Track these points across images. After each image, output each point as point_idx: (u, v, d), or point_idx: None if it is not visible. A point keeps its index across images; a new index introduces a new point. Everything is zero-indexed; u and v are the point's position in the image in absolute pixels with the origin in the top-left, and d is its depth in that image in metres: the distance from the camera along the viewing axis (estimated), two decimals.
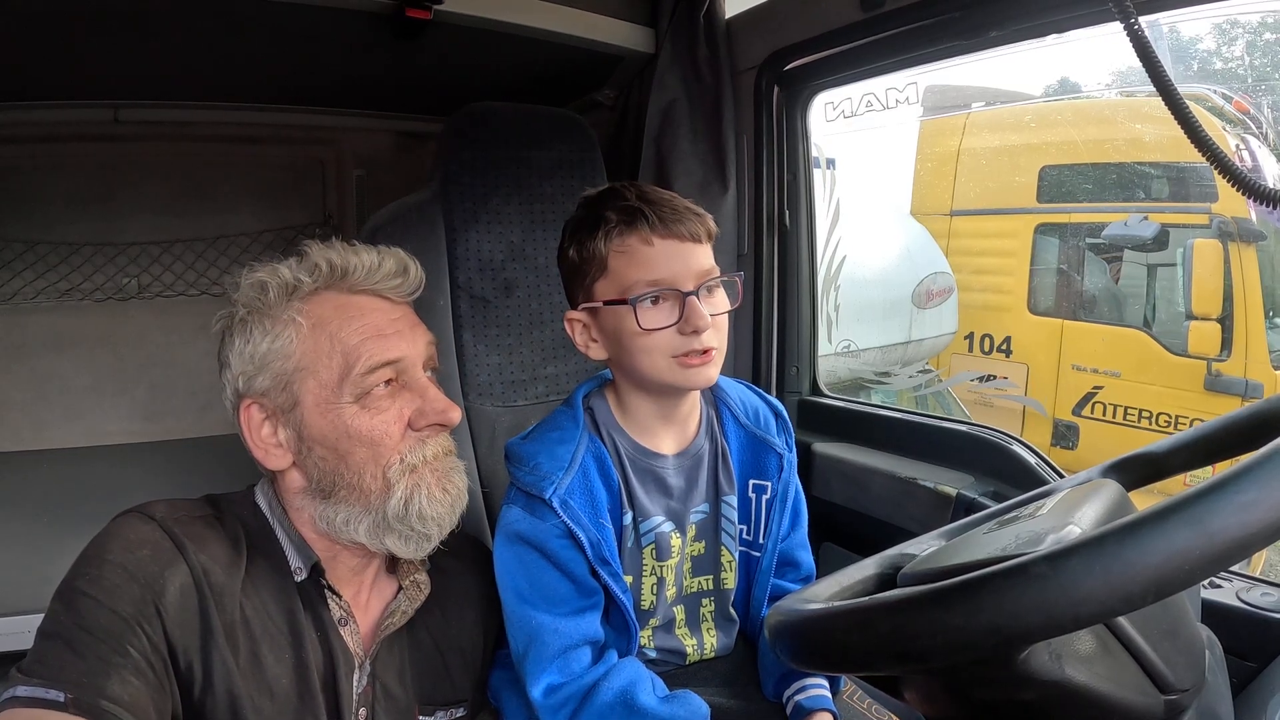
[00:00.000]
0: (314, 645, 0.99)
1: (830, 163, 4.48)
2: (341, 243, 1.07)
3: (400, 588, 1.10)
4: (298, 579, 1.00)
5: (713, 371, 1.12)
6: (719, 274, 1.13)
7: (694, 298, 1.08)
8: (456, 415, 1.05)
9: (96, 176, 2.65)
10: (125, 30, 1.79)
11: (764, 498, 1.25)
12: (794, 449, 1.28)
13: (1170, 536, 0.50)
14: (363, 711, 1.03)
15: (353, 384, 0.98)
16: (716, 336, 1.11)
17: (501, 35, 1.87)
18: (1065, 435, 5.04)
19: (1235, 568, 1.36)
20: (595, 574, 1.12)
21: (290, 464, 1.02)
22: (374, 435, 0.99)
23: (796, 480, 1.29)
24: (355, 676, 1.02)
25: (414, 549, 1.02)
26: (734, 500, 1.25)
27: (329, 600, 1.03)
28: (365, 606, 1.07)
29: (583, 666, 1.12)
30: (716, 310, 1.11)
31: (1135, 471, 0.91)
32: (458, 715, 1.14)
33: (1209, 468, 0.88)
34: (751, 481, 1.26)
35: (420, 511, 1.00)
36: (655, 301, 1.09)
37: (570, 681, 1.10)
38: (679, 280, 1.09)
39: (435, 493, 1.02)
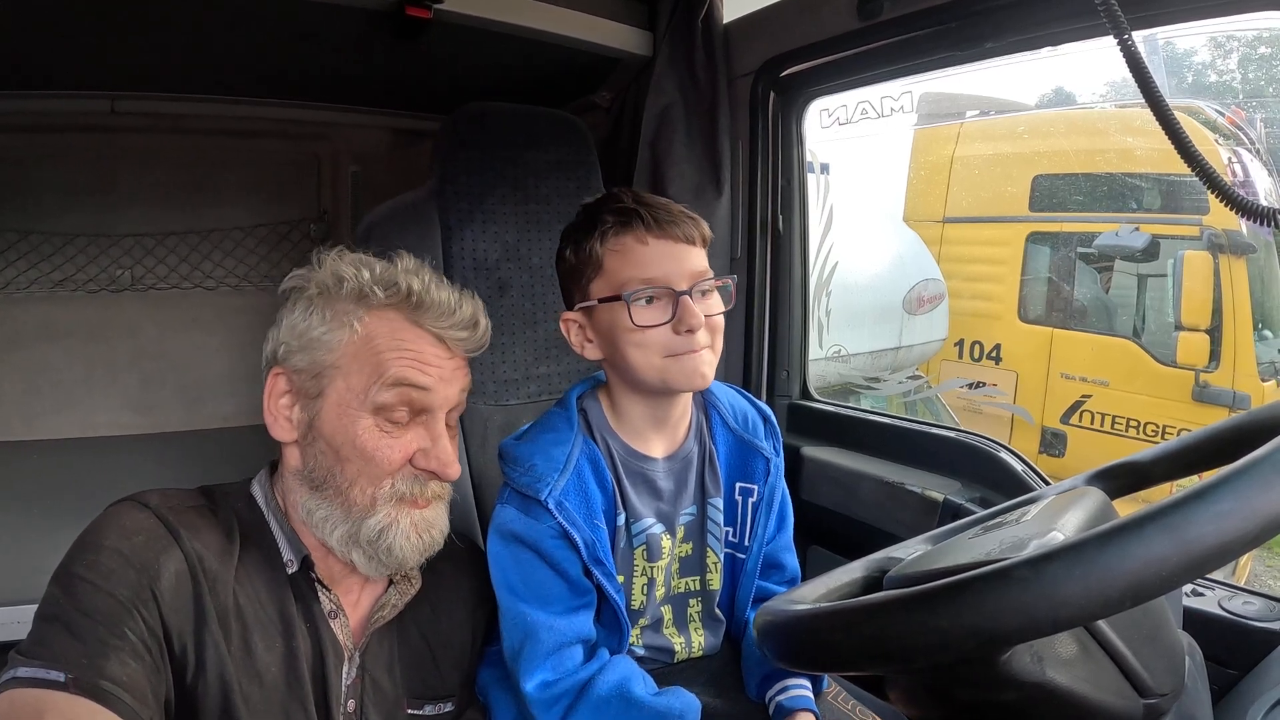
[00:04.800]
0: (304, 636, 1.00)
1: (824, 168, 4.50)
2: (432, 271, 1.09)
3: (391, 582, 1.11)
4: (289, 571, 1.01)
5: (707, 372, 1.13)
6: (712, 277, 1.14)
7: (687, 297, 1.10)
8: (454, 474, 1.05)
9: (92, 167, 2.63)
10: (124, 22, 1.79)
11: (750, 501, 1.27)
12: (782, 454, 1.30)
13: (1148, 544, 0.51)
14: (351, 703, 1.03)
15: (374, 395, 0.99)
16: (710, 338, 1.12)
17: (500, 35, 1.87)
18: (1053, 443, 5.06)
19: (1218, 576, 1.38)
20: (589, 574, 1.13)
21: (293, 441, 1.04)
22: (376, 455, 1.00)
23: (783, 484, 1.30)
24: (344, 668, 1.03)
25: (374, 570, 1.04)
26: (720, 503, 1.26)
27: (319, 593, 1.03)
28: (356, 600, 1.08)
29: (575, 664, 1.13)
30: (710, 312, 1.13)
31: (1120, 480, 0.92)
32: (445, 710, 1.14)
33: (1195, 477, 0.89)
34: (738, 485, 1.27)
35: (389, 546, 1.01)
36: (650, 301, 1.11)
37: (564, 678, 1.12)
38: (672, 280, 1.10)
39: (411, 536, 1.02)
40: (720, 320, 1.16)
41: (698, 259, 1.14)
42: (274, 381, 1.04)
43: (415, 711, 1.11)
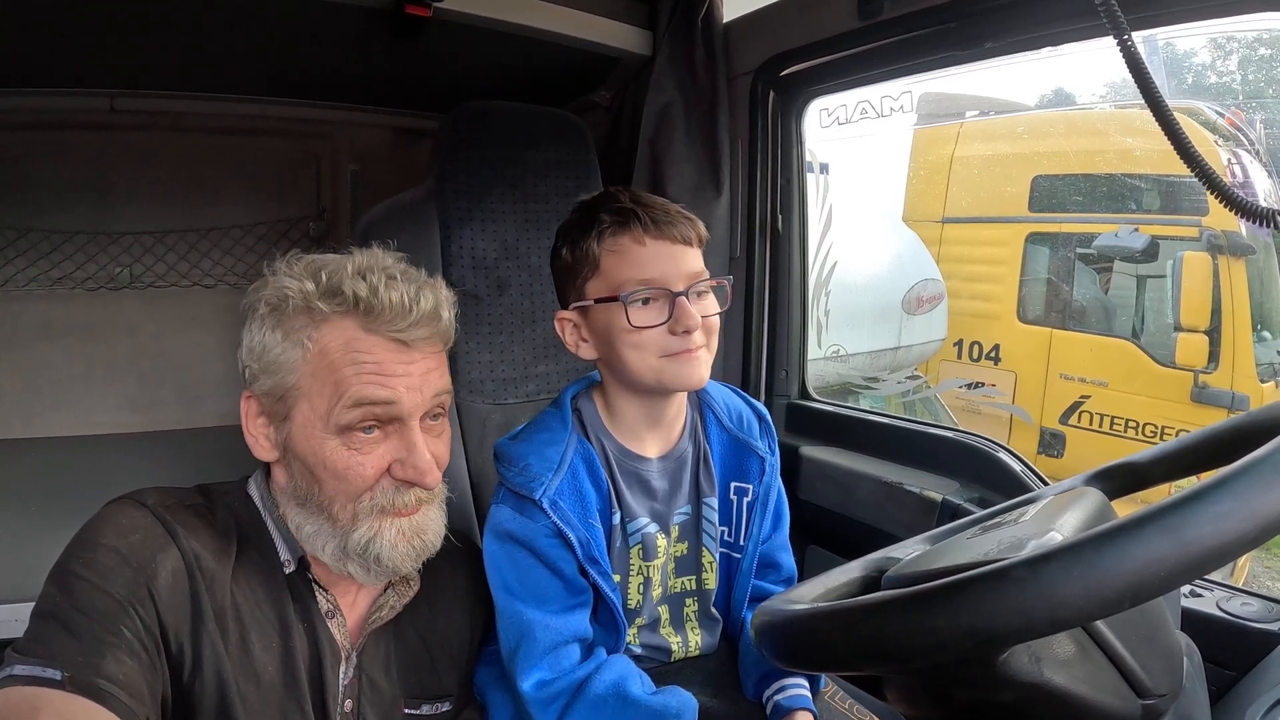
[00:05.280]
0: (301, 636, 1.00)
1: (824, 168, 4.50)
2: (388, 263, 1.03)
3: (390, 583, 1.10)
4: (287, 571, 1.01)
5: (704, 372, 1.13)
6: (708, 277, 1.14)
7: (683, 298, 1.10)
8: (433, 481, 1.02)
9: (91, 165, 2.63)
10: (124, 20, 1.79)
11: (745, 500, 1.27)
12: (777, 453, 1.30)
13: (1147, 544, 0.51)
14: (348, 703, 1.03)
15: (336, 417, 0.96)
16: (706, 338, 1.12)
17: (500, 34, 1.87)
18: (1052, 443, 5.06)
19: (1216, 577, 1.38)
20: (584, 573, 1.13)
21: (276, 460, 1.03)
22: (348, 473, 0.97)
23: (779, 483, 1.30)
24: (342, 669, 1.03)
25: (373, 579, 1.03)
26: (715, 502, 1.26)
27: (317, 593, 1.03)
28: (353, 600, 1.08)
29: (572, 663, 1.13)
30: (706, 313, 1.13)
31: (1118, 480, 0.92)
32: (443, 710, 1.14)
33: (1194, 478, 0.88)
34: (733, 484, 1.27)
35: (378, 555, 0.99)
36: (646, 301, 1.11)
37: (561, 677, 1.12)
38: (669, 280, 1.10)
39: (399, 544, 1.00)
40: (716, 321, 1.16)
41: (694, 260, 1.14)
42: (247, 405, 1.02)
43: (412, 711, 1.10)
